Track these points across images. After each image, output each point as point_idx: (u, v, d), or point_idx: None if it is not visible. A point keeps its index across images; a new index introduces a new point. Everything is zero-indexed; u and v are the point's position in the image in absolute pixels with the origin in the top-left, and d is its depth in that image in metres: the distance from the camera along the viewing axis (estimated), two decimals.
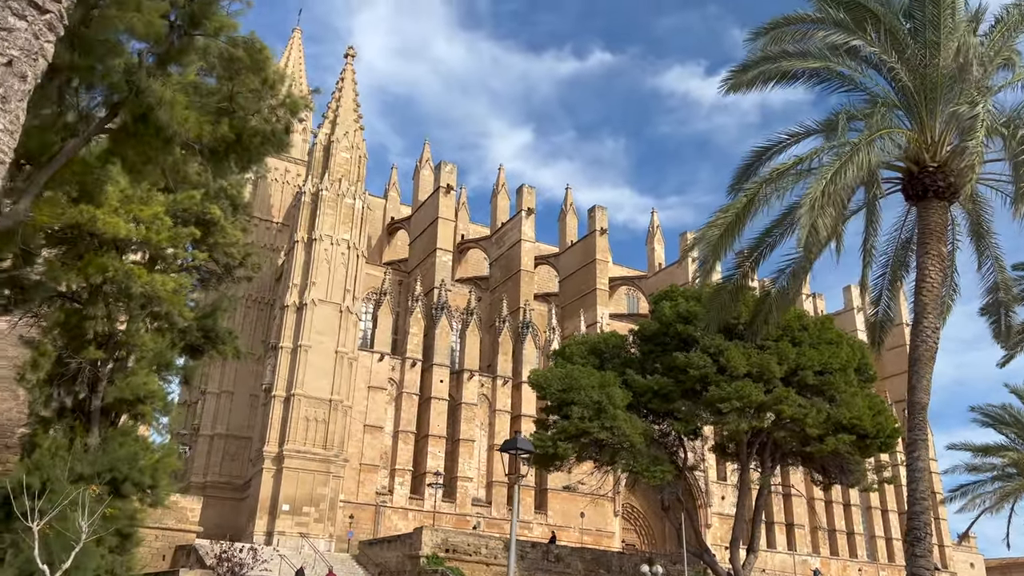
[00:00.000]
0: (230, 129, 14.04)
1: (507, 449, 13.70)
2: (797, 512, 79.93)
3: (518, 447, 13.54)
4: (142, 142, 11.76)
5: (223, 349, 26.33)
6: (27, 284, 16.39)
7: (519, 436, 14.26)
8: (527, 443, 13.89)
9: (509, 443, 13.72)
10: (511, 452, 13.61)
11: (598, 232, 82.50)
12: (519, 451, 13.51)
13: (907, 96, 13.45)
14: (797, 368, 39.60)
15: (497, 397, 72.85)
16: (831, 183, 11.98)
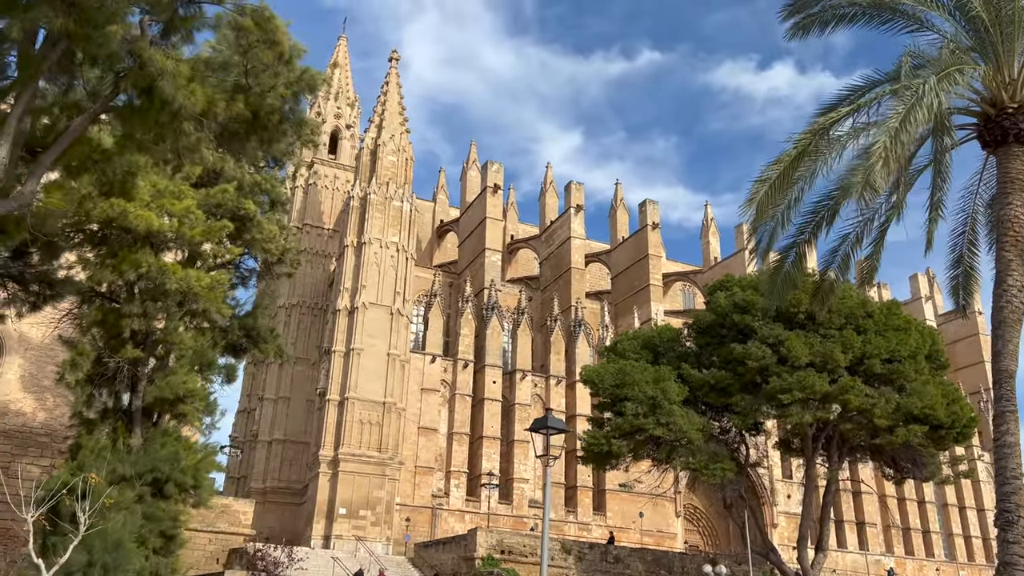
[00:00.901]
0: (246, 107, 13.44)
1: (537, 428, 12.75)
2: (868, 510, 76.74)
3: (548, 426, 12.58)
4: (148, 117, 11.18)
5: (265, 348, 26.01)
6: (54, 280, 16.13)
7: (549, 413, 13.30)
8: (559, 422, 12.93)
9: (539, 422, 12.77)
10: (541, 432, 12.66)
11: (650, 227, 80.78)
12: (550, 430, 12.56)
13: (980, 32, 12.03)
14: (863, 356, 37.62)
15: (551, 397, 71.79)
16: (899, 132, 10.67)
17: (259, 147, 14.97)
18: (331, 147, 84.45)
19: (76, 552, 17.47)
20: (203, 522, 34.51)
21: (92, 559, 17.24)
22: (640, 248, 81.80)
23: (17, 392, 30.28)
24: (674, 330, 45.95)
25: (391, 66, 74.23)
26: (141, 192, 19.15)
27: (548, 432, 12.36)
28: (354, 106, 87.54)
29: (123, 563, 17.40)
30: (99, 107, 11.39)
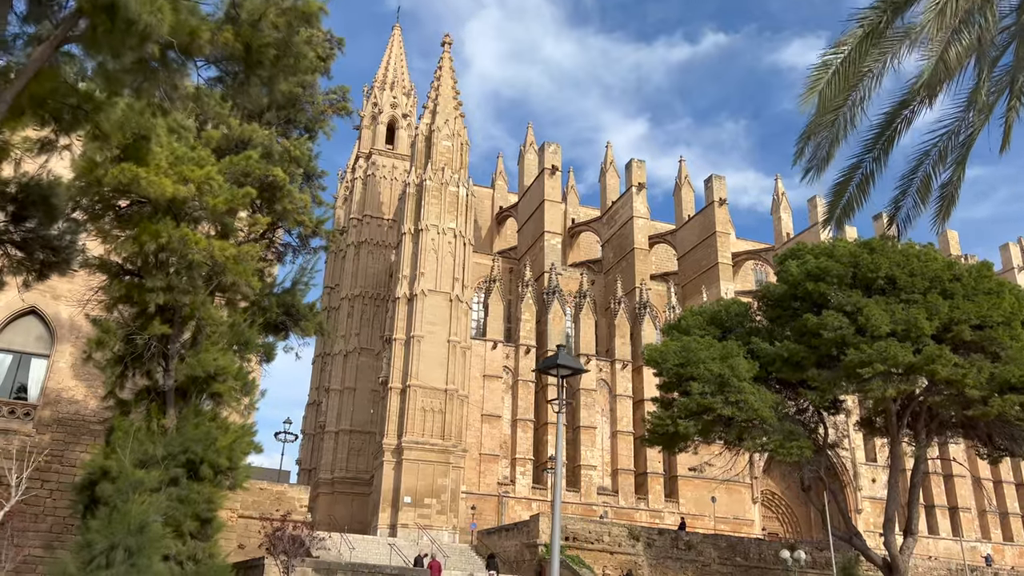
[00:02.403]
0: (235, 39, 12.20)
1: (546, 368, 11.16)
2: (961, 494, 72.12)
3: (560, 364, 10.97)
4: (113, 40, 9.99)
5: (306, 326, 25.03)
6: (57, 246, 15.35)
7: (561, 350, 11.68)
8: (573, 360, 11.30)
9: (549, 360, 11.17)
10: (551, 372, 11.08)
11: (716, 203, 77.79)
12: (561, 369, 10.97)
13: None
14: (950, 323, 34.52)
15: (617, 381, 69.77)
16: None
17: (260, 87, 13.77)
18: (388, 137, 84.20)
19: (97, 535, 16.73)
20: (258, 509, 34.05)
21: (114, 542, 16.46)
22: (707, 226, 78.87)
23: (69, 380, 30.23)
24: (743, 304, 43.42)
25: (444, 50, 73.20)
26: (158, 159, 18.29)
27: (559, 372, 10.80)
28: (410, 95, 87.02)
29: (147, 546, 16.58)
30: (60, 32, 10.32)
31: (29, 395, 29.92)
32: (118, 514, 16.62)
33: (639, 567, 40.63)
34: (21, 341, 30.50)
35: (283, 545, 18.33)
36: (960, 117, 10.74)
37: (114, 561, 16.28)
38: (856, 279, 36.67)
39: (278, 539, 18.35)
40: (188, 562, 20.06)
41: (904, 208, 11.39)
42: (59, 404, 29.78)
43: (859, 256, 36.58)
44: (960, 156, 11.17)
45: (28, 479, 28.72)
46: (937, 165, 11.40)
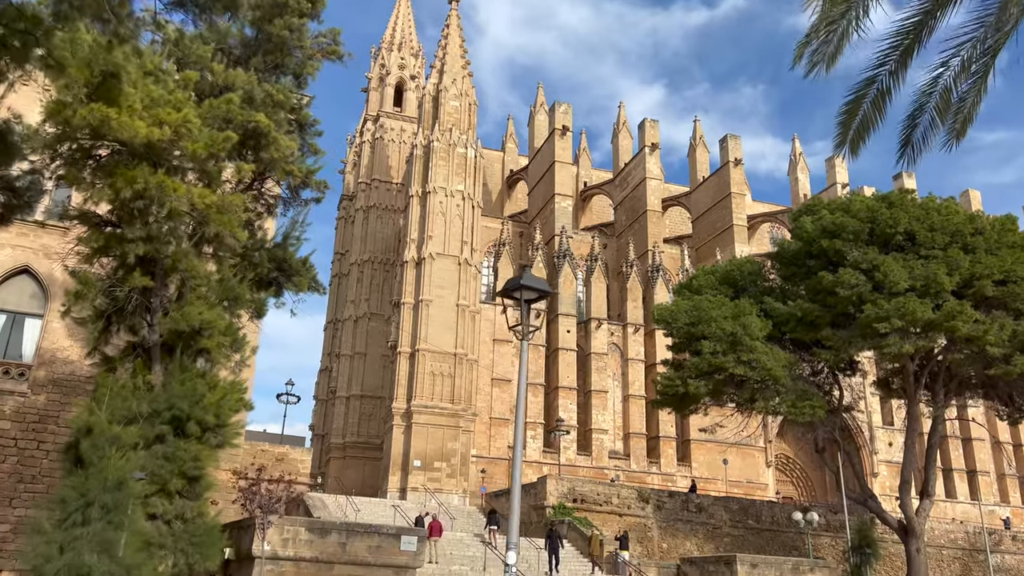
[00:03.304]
0: None
1: (510, 291, 10.23)
2: (980, 458, 70.97)
3: (525, 286, 10.05)
4: None
5: (299, 281, 24.19)
6: (17, 188, 14.54)
7: (526, 270, 10.74)
8: (539, 281, 10.37)
9: (512, 281, 10.23)
10: (513, 297, 10.17)
11: (732, 163, 76.03)
12: (526, 291, 10.06)
13: None
14: (971, 278, 33.27)
15: (628, 345, 68.86)
16: None
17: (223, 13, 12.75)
18: (396, 99, 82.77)
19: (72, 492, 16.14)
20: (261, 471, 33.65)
21: (90, 499, 15.87)
22: (722, 187, 77.22)
23: (64, 340, 29.69)
24: (756, 263, 42.23)
25: (451, 8, 71.39)
26: (131, 100, 17.37)
27: (522, 297, 9.87)
28: (418, 56, 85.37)
29: (125, 503, 15.98)
30: None
31: (23, 355, 29.44)
32: (94, 470, 15.99)
33: (649, 530, 40.06)
34: (15, 301, 29.95)
35: (258, 500, 17.71)
36: (986, 21, 9.57)
37: (90, 518, 15.69)
38: (873, 235, 35.39)
39: (252, 494, 17.74)
40: (176, 521, 19.53)
41: (921, 126, 10.27)
42: (54, 364, 29.27)
43: (877, 211, 35.27)
44: (984, 66, 10.00)
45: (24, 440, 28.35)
46: (959, 77, 10.25)
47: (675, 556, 36.80)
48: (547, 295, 10.94)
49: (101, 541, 15.42)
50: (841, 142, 10.51)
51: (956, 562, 45.59)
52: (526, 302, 10.55)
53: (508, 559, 8.95)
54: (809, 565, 30.85)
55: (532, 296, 10.72)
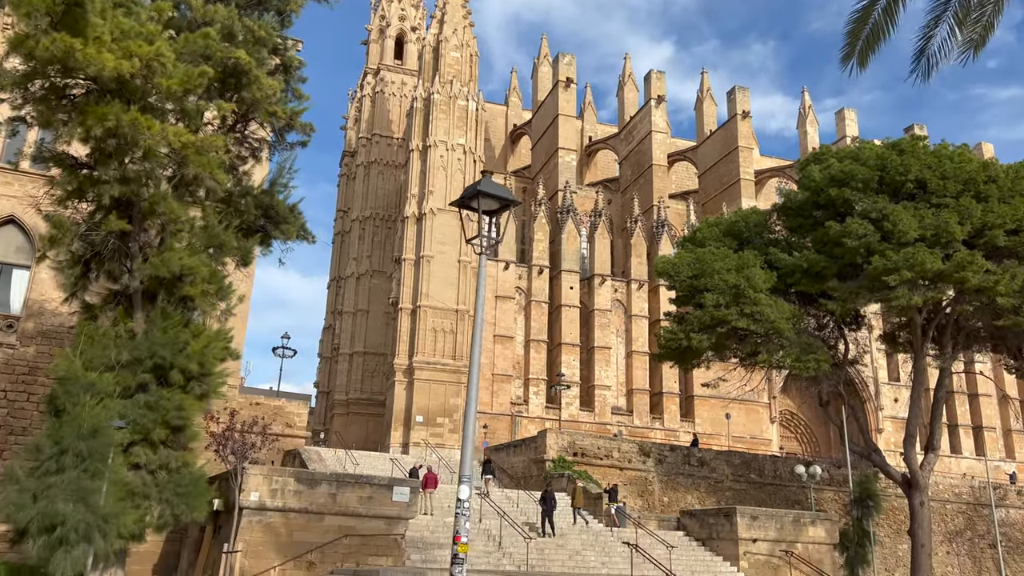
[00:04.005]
0: None
1: (466, 200, 9.46)
2: (986, 413, 70.49)
3: (483, 192, 9.28)
4: None
5: (287, 229, 23.49)
6: None
7: (487, 176, 9.96)
8: (501, 189, 9.60)
9: (470, 189, 9.45)
10: (470, 207, 9.42)
11: (739, 116, 74.45)
12: (484, 198, 9.29)
13: None
14: (983, 228, 32.25)
15: (632, 302, 68.19)
16: None
17: None
18: (397, 52, 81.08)
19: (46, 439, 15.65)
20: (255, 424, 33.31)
21: (63, 447, 15.38)
22: (729, 140, 75.75)
23: (52, 291, 29.11)
24: (761, 213, 41.15)
25: None
26: (99, 31, 16.48)
27: (484, 209, 9.12)
28: (419, 6, 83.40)
29: (101, 451, 15.49)
30: None
31: (11, 307, 28.97)
32: (68, 418, 15.47)
33: (650, 484, 39.80)
34: (1, 251, 29.42)
35: (231, 446, 17.20)
36: None
37: (64, 466, 15.22)
38: (883, 183, 34.30)
39: (225, 440, 17.24)
40: (160, 471, 19.13)
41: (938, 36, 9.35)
42: (42, 316, 28.81)
43: (887, 158, 34.12)
44: None
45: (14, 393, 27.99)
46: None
47: (676, 510, 36.53)
48: (510, 205, 10.14)
49: (76, 490, 14.98)
50: (849, 53, 9.62)
51: (960, 516, 45.33)
52: (486, 213, 9.78)
53: (460, 494, 8.34)
54: (810, 518, 30.49)
55: (493, 206, 9.92)
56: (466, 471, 8.56)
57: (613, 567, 24.87)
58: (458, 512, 8.16)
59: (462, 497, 8.26)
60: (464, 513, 8.15)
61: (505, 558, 24.33)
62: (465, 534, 8.13)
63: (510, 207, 10.13)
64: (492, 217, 10.07)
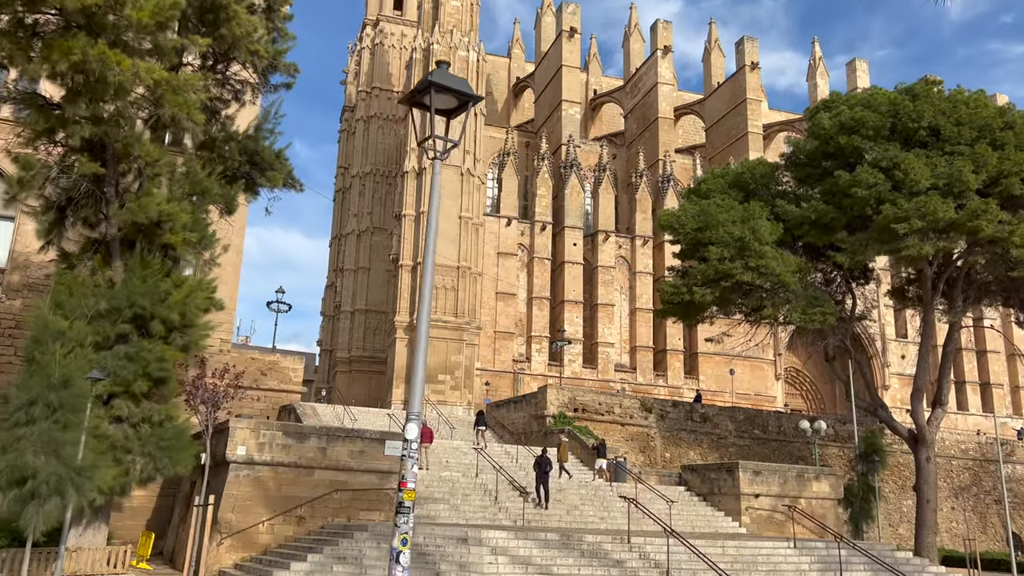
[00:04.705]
0: None
1: (418, 96, 8.56)
2: (994, 370, 69.79)
3: (436, 84, 8.40)
4: None
5: (273, 176, 22.59)
6: None
7: (443, 66, 9.06)
8: (458, 81, 8.74)
9: (423, 82, 8.55)
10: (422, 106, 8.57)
11: (748, 67, 72.54)
12: (437, 90, 8.43)
13: None
14: (999, 176, 31.15)
15: (636, 259, 67.24)
16: None
17: None
18: (396, 2, 79.05)
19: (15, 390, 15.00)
20: (250, 379, 32.80)
21: (32, 397, 14.74)
22: (737, 92, 73.95)
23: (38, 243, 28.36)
24: (768, 164, 40.01)
25: None
26: None
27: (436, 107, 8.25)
28: None
29: (72, 402, 14.85)
30: None
31: None
32: (36, 367, 14.80)
33: (651, 439, 39.33)
34: None
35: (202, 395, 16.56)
36: None
37: (35, 417, 14.58)
38: (895, 131, 33.10)
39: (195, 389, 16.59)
40: (143, 424, 18.55)
41: None
42: (28, 269, 28.12)
43: (900, 104, 32.87)
44: None
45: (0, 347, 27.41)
46: None
47: (677, 466, 36.05)
48: (470, 102, 9.22)
49: (47, 442, 14.38)
50: None
51: (966, 472, 44.90)
52: (439, 112, 8.90)
53: (407, 433, 7.61)
54: (814, 473, 29.94)
55: (450, 104, 9.01)
56: (415, 408, 7.83)
57: (612, 522, 24.41)
58: (403, 455, 7.44)
59: (409, 437, 7.53)
60: (412, 456, 7.44)
61: (501, 512, 23.88)
62: (412, 479, 7.42)
63: (469, 105, 9.17)
64: (451, 117, 9.15)
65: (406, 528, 7.34)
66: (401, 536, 7.26)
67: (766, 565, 19.91)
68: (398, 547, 7.21)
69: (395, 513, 7.41)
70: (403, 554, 7.18)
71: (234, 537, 19.52)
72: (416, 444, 7.63)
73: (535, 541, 18.07)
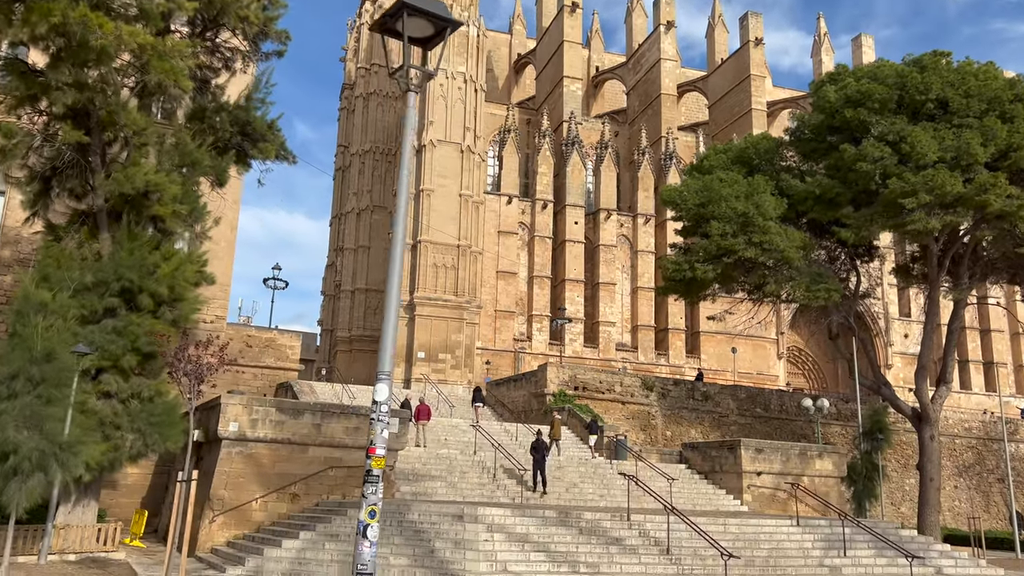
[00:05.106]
0: None
1: (388, 26, 8.04)
2: (998, 348, 69.35)
3: (407, 4, 7.88)
4: None
5: (265, 147, 22.04)
6: None
7: None
8: (435, 3, 8.22)
9: (396, 5, 8.03)
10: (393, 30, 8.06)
11: (752, 43, 71.53)
12: (410, 22, 7.92)
13: None
14: (1008, 149, 30.52)
15: (638, 237, 66.67)
16: None
17: None
18: None
19: None
20: (247, 356, 32.47)
21: (13, 371, 14.33)
22: (741, 69, 72.97)
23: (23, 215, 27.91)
24: (772, 139, 39.29)
25: None
26: None
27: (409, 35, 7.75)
28: None
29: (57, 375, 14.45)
30: None
31: None
32: (18, 340, 14.38)
33: (653, 418, 39.01)
34: None
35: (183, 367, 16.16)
36: None
37: (16, 391, 14.17)
38: (902, 104, 32.41)
39: (177, 360, 16.19)
40: (132, 400, 18.16)
41: None
42: (19, 244, 27.66)
43: (907, 76, 32.14)
44: None
45: None
46: None
47: (679, 444, 35.74)
48: (448, 27, 8.68)
49: (29, 416, 13.98)
50: None
51: (969, 451, 44.58)
52: (412, 41, 8.39)
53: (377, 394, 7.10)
54: (817, 450, 29.59)
55: (426, 32, 8.49)
56: (386, 367, 7.33)
57: (612, 499, 24.09)
58: (373, 417, 6.94)
59: (379, 399, 7.02)
60: (381, 419, 6.94)
61: (500, 490, 23.57)
62: (382, 444, 6.92)
63: (447, 31, 8.63)
64: (427, 47, 8.62)
65: (374, 499, 6.83)
66: (369, 508, 6.77)
67: (768, 543, 19.57)
68: (365, 520, 6.71)
69: (363, 482, 6.94)
70: (371, 527, 6.70)
71: (227, 514, 19.21)
72: (386, 407, 7.12)
73: (532, 518, 17.73)
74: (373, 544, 6.59)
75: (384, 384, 7.11)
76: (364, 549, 6.57)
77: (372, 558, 6.65)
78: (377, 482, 6.84)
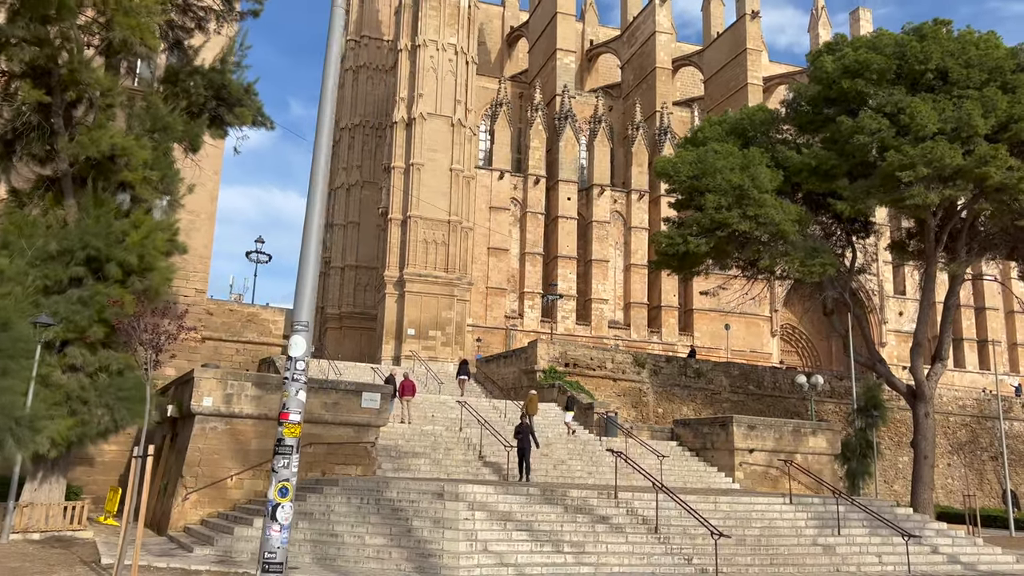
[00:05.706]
0: None
1: None
2: (992, 327, 69.03)
3: None
4: None
5: (241, 113, 21.16)
6: None
7: None
8: None
9: None
10: None
11: (748, 16, 70.34)
12: None
13: None
14: (1009, 121, 29.75)
15: (632, 213, 65.87)
16: None
17: None
18: None
19: None
20: (229, 331, 31.72)
21: None
22: (737, 43, 71.81)
23: None
24: (768, 111, 38.44)
25: None
26: None
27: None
28: None
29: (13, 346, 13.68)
30: None
31: None
32: None
33: (644, 395, 38.47)
34: None
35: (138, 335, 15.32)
36: None
37: None
38: (901, 74, 31.58)
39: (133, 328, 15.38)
40: (100, 374, 17.42)
41: None
42: None
43: (907, 45, 31.28)
44: None
45: None
46: None
47: (670, 421, 35.25)
48: None
49: None
50: None
51: (963, 429, 44.24)
52: None
53: (292, 350, 6.42)
54: (811, 428, 29.07)
55: None
56: (303, 316, 6.62)
57: (600, 477, 23.55)
58: (287, 377, 6.22)
59: (295, 354, 6.31)
60: (297, 378, 6.24)
61: (486, 467, 22.98)
62: (296, 408, 6.19)
63: None
64: None
65: (286, 474, 5.83)
66: (279, 484, 5.81)
67: (760, 521, 19.04)
68: (275, 498, 5.80)
69: (273, 455, 6.15)
70: (281, 508, 5.74)
71: (200, 492, 18.56)
72: (303, 363, 6.35)
73: (516, 496, 17.13)
74: (284, 528, 5.81)
75: (300, 336, 6.39)
76: (272, 534, 5.64)
77: (283, 545, 5.76)
78: (290, 454, 6.07)
